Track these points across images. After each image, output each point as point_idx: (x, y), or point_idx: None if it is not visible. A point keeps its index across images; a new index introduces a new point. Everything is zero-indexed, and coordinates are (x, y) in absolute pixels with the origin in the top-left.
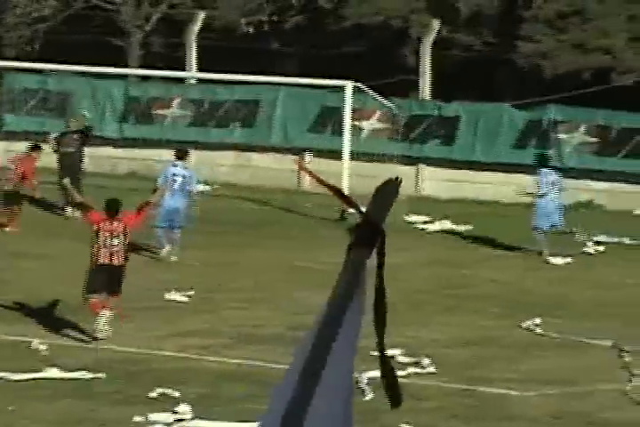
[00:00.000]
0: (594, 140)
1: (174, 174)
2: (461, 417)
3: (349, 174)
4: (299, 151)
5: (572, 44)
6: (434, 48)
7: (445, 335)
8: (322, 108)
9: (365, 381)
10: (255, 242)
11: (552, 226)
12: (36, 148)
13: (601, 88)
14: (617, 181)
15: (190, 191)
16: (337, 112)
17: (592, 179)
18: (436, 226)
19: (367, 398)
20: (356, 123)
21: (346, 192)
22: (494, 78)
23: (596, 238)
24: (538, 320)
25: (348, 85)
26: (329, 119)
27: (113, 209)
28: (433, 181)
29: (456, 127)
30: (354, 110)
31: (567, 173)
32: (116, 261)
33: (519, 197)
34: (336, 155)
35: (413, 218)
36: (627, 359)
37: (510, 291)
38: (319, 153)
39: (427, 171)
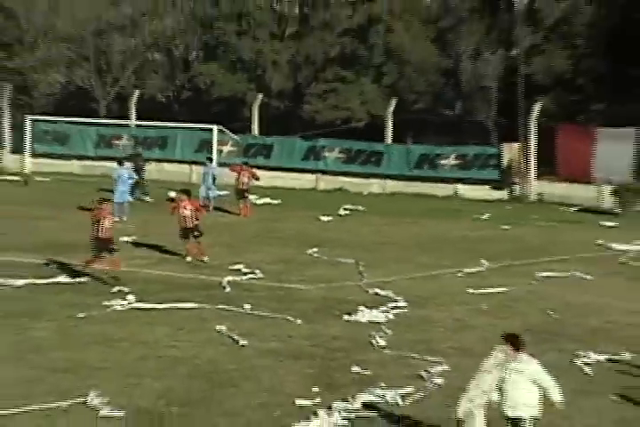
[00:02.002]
0: (343, 156)
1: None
2: (276, 300)
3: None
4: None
5: (331, 105)
6: (260, 108)
7: (267, 257)
8: (200, 140)
9: (226, 281)
10: None
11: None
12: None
13: (345, 128)
14: (355, 177)
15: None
16: (209, 142)
17: (342, 175)
18: (262, 201)
19: (226, 290)
20: (219, 147)
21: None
22: (290, 124)
23: (344, 206)
24: (315, 249)
25: (214, 128)
26: (204, 146)
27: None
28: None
29: (272, 149)
30: (217, 141)
31: (329, 172)
32: (190, 225)
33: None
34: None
35: (251, 197)
36: (361, 269)
37: (300, 234)
38: (199, 163)
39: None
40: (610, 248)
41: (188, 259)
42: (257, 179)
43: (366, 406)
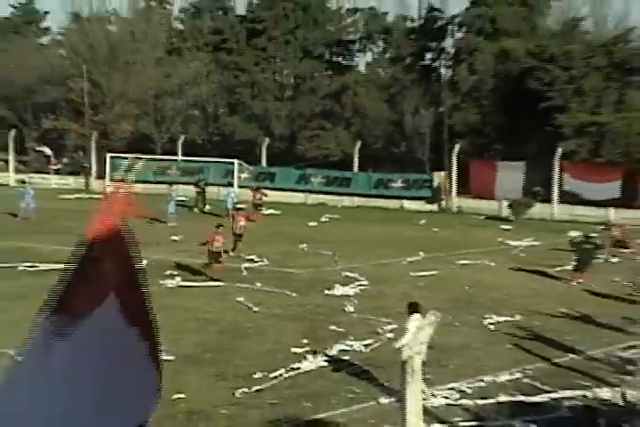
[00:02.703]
0: (324, 180)
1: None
2: (278, 279)
3: (238, 194)
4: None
5: (316, 145)
6: (267, 148)
7: (272, 250)
8: (226, 170)
9: (243, 267)
10: None
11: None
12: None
13: (326, 161)
14: (332, 195)
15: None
16: (231, 171)
17: (324, 194)
18: (268, 211)
19: (244, 274)
20: (239, 175)
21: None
22: (288, 158)
23: (325, 215)
24: (305, 245)
25: (236, 162)
26: (229, 174)
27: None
28: (269, 195)
29: (275, 176)
30: (238, 170)
31: (314, 192)
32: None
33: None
34: (232, 186)
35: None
36: (336, 258)
37: (295, 235)
38: (225, 185)
39: (267, 192)
40: (507, 244)
41: (232, 253)
42: (266, 196)
43: (340, 352)
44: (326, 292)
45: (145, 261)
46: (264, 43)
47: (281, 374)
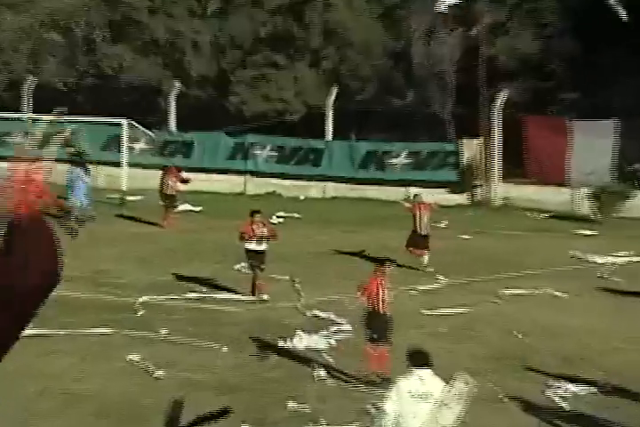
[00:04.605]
0: (275, 154)
1: None
2: (198, 323)
3: (127, 176)
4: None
5: (261, 95)
6: (177, 98)
7: (187, 274)
8: (108, 136)
9: (139, 302)
10: None
11: None
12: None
13: (279, 122)
14: (290, 179)
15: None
16: (118, 138)
17: (275, 177)
18: (181, 207)
19: (139, 313)
20: (130, 145)
21: (124, 187)
22: (214, 117)
23: (277, 214)
24: (243, 264)
25: (124, 122)
26: (113, 142)
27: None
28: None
29: (192, 147)
30: (129, 137)
31: (260, 174)
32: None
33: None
34: (118, 164)
35: (161, 202)
36: (297, 286)
37: (225, 247)
38: (108, 163)
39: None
40: (586, 261)
41: (265, 297)
42: (186, 182)
43: None
44: (281, 344)
45: None
46: None
47: None
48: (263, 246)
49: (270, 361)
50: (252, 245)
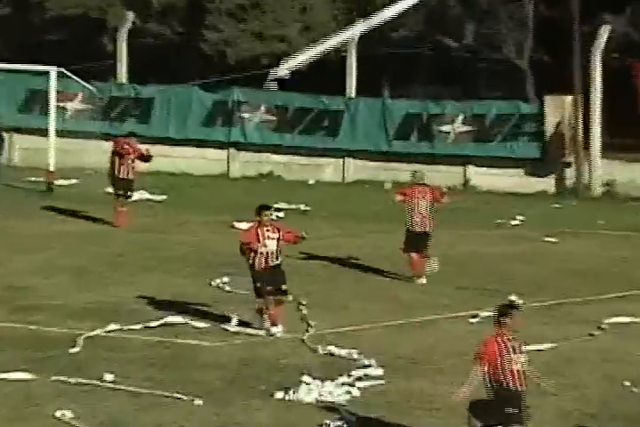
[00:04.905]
0: (273, 118)
1: None
2: (160, 364)
3: (56, 150)
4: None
5: (252, 32)
6: (130, 37)
7: (145, 292)
8: (29, 91)
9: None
10: None
11: None
12: None
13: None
14: (295, 155)
15: None
16: (43, 95)
17: (272, 152)
18: (136, 196)
19: (74, 350)
20: (61, 104)
21: (52, 165)
22: (183, 64)
23: (276, 205)
24: (226, 278)
25: (52, 70)
26: (36, 101)
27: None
28: None
29: (151, 107)
30: (58, 93)
31: (250, 147)
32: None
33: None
34: (43, 133)
35: (109, 189)
36: (303, 310)
37: (200, 252)
38: (28, 131)
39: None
40: None
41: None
42: (146, 160)
43: None
44: (279, 395)
45: None
46: None
47: None
48: (279, 260)
49: (264, 420)
50: (262, 261)
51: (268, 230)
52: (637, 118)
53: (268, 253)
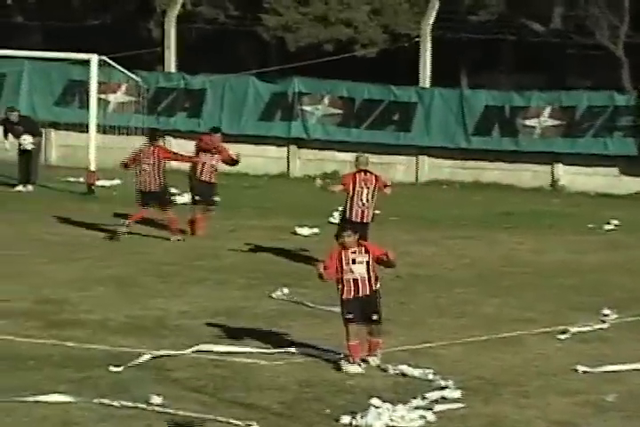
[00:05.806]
0: (338, 111)
1: None
2: (212, 386)
3: (97, 147)
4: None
5: (315, 16)
6: (178, 21)
7: (196, 306)
8: (68, 82)
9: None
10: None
11: None
12: None
13: (343, 60)
14: (362, 152)
15: None
16: (83, 85)
17: (337, 150)
18: (185, 198)
19: (118, 370)
20: (103, 96)
21: (93, 165)
22: (238, 52)
23: (340, 208)
24: (286, 290)
25: (94, 59)
26: (75, 93)
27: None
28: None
29: (203, 100)
30: (100, 84)
31: (312, 144)
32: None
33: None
34: (83, 128)
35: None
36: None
37: (257, 261)
38: (67, 126)
39: (174, 143)
40: None
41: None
42: (233, 163)
43: None
44: (345, 420)
45: None
46: None
47: None
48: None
49: None
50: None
51: (353, 253)
52: None
53: (356, 279)
